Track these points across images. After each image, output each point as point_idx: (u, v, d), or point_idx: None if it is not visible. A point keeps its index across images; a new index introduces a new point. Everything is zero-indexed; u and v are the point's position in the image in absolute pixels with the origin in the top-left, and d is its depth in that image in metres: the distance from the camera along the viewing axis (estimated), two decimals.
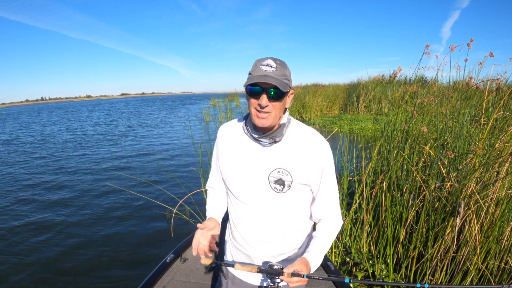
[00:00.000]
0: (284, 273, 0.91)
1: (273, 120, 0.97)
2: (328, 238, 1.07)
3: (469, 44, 2.05)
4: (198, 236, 1.02)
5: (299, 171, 1.01)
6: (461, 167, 2.26)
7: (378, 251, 2.56)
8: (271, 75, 0.92)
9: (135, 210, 4.41)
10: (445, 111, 2.70)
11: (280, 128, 1.02)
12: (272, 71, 0.92)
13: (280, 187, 1.02)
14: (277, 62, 0.94)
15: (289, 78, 0.97)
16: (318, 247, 1.03)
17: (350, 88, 15.00)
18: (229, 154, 1.11)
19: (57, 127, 16.98)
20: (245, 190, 1.07)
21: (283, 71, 0.94)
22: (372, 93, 11.72)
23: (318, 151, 1.04)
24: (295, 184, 1.02)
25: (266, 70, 0.93)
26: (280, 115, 1.01)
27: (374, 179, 2.71)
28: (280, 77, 0.93)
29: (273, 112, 0.96)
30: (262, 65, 0.94)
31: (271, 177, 1.02)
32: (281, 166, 1.01)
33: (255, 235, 1.08)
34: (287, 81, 0.95)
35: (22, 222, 4.13)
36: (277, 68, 0.93)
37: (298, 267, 0.92)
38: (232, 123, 1.16)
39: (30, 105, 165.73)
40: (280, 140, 1.03)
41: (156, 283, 1.73)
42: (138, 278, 2.75)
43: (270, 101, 0.94)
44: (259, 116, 0.96)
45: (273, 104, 0.95)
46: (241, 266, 0.99)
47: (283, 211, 1.06)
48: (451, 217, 2.08)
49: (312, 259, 0.99)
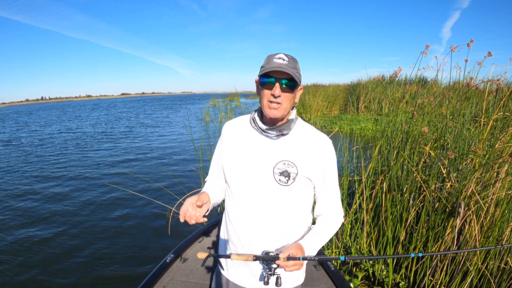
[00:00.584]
0: (280, 257, 0.92)
1: (283, 112, 1.01)
2: (326, 231, 1.09)
3: (469, 44, 2.05)
4: (187, 204, 0.98)
5: (304, 164, 1.04)
6: (461, 167, 2.26)
7: (378, 251, 2.56)
8: (284, 66, 0.96)
9: (134, 210, 4.41)
10: (445, 112, 2.70)
11: (288, 122, 1.06)
12: (285, 63, 0.97)
13: (285, 179, 1.03)
14: (289, 57, 1.00)
15: (299, 71, 1.02)
16: (314, 236, 1.05)
17: (350, 88, 15.01)
18: (234, 147, 1.12)
19: (56, 126, 16.98)
20: (248, 182, 1.06)
21: (294, 64, 1.00)
22: (372, 93, 11.72)
23: (324, 148, 1.07)
24: (300, 177, 1.04)
25: (279, 62, 0.97)
26: (290, 109, 1.04)
27: (374, 179, 2.71)
28: (292, 69, 0.98)
29: (285, 103, 1.00)
30: (275, 58, 0.99)
31: (276, 169, 1.03)
32: (287, 158, 1.04)
33: (256, 232, 1.08)
34: (298, 74, 1.00)
35: (20, 222, 4.13)
36: (289, 61, 0.98)
37: (293, 251, 0.94)
38: (238, 119, 1.19)
39: (30, 104, 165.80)
40: (288, 133, 1.06)
41: (156, 283, 1.73)
42: (138, 278, 2.76)
43: (282, 91, 0.98)
44: (271, 106, 1.00)
45: (285, 95, 0.99)
46: (237, 256, 1.00)
47: (286, 205, 1.06)
48: (451, 218, 2.09)
49: (308, 246, 1.01)
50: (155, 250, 3.33)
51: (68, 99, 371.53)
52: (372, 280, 2.49)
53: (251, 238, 1.09)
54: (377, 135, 3.03)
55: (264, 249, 1.07)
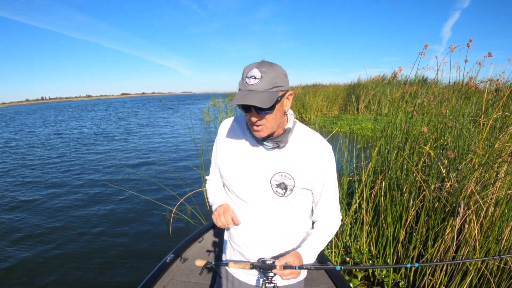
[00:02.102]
0: (277, 266, 0.92)
1: (270, 130, 0.95)
2: (324, 236, 1.08)
3: (468, 44, 2.05)
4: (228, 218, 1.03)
5: (301, 176, 1.01)
6: (461, 167, 2.27)
7: (378, 251, 2.57)
8: (254, 89, 0.85)
9: (135, 210, 4.41)
10: (445, 111, 2.70)
11: (285, 133, 1.00)
12: (255, 84, 0.85)
13: (282, 191, 1.01)
14: (263, 70, 0.86)
15: (280, 82, 0.88)
16: (312, 243, 1.04)
17: (350, 88, 15.00)
18: (230, 153, 1.09)
19: (58, 126, 16.99)
20: (246, 192, 1.06)
21: (268, 77, 0.86)
22: (371, 91, 11.71)
23: (321, 157, 1.02)
24: (297, 189, 1.02)
25: (250, 83, 0.86)
26: (280, 121, 0.97)
27: (374, 179, 2.71)
28: (265, 89, 0.86)
29: (267, 123, 0.92)
30: (247, 78, 0.87)
31: (273, 181, 1.01)
32: (283, 170, 1.00)
33: (255, 237, 1.08)
34: (274, 87, 0.87)
35: (19, 222, 4.13)
36: (262, 79, 0.85)
37: (290, 260, 0.93)
38: (236, 120, 1.14)
39: (30, 104, 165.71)
40: (284, 146, 1.01)
41: (156, 283, 1.73)
42: (138, 278, 2.76)
43: (260, 115, 0.90)
44: (254, 129, 0.95)
45: (265, 117, 0.91)
46: (234, 264, 1.00)
47: (284, 214, 1.06)
48: (451, 217, 2.09)
49: (305, 254, 1.00)
50: (155, 250, 3.33)
51: (68, 99, 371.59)
52: (372, 280, 2.49)
53: (249, 241, 1.09)
54: (376, 135, 3.04)
55: (264, 253, 1.08)
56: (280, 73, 0.90)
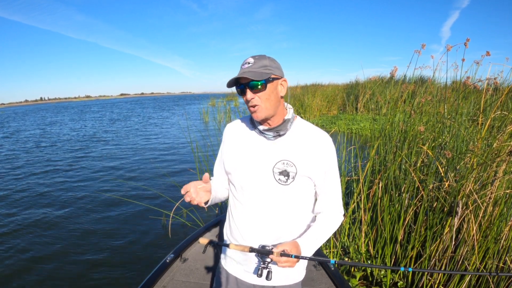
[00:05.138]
0: (274, 252, 0.93)
1: (266, 111, 1.01)
2: (325, 229, 1.09)
3: (465, 43, 2.05)
4: (191, 185, 1.03)
5: (303, 163, 1.04)
6: (459, 166, 2.26)
7: (376, 251, 2.57)
8: (246, 70, 0.98)
9: (133, 212, 4.39)
10: (443, 111, 2.70)
11: (285, 123, 1.06)
12: (248, 67, 0.98)
13: (284, 179, 1.04)
14: (255, 57, 1.00)
15: (270, 66, 1.00)
16: (312, 235, 1.05)
17: (349, 88, 15.02)
18: (234, 147, 1.14)
19: (51, 128, 16.94)
20: (249, 182, 1.08)
21: (260, 62, 0.99)
22: (369, 91, 11.72)
23: (323, 145, 1.07)
24: (300, 176, 1.04)
25: (244, 68, 0.99)
26: (276, 107, 1.03)
27: (372, 178, 2.71)
28: (256, 69, 0.98)
29: (262, 103, 1.00)
30: (242, 65, 1.01)
31: (275, 169, 1.04)
32: (286, 157, 1.04)
33: (257, 228, 1.09)
34: (266, 69, 0.98)
35: (18, 224, 4.11)
36: (254, 63, 0.99)
37: (287, 247, 0.95)
38: (238, 121, 1.21)
39: (29, 105, 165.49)
40: (285, 134, 1.07)
41: (156, 283, 1.73)
42: (138, 279, 2.76)
43: (254, 93, 0.99)
44: (251, 110, 1.02)
45: (259, 95, 0.99)
46: (235, 246, 1.02)
47: (286, 203, 1.07)
48: (449, 217, 2.09)
49: (304, 244, 1.01)
50: (154, 252, 3.32)
51: (67, 100, 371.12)
52: (371, 280, 2.49)
53: (252, 234, 1.10)
54: (375, 135, 3.03)
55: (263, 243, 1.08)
56: (273, 62, 1.02)
